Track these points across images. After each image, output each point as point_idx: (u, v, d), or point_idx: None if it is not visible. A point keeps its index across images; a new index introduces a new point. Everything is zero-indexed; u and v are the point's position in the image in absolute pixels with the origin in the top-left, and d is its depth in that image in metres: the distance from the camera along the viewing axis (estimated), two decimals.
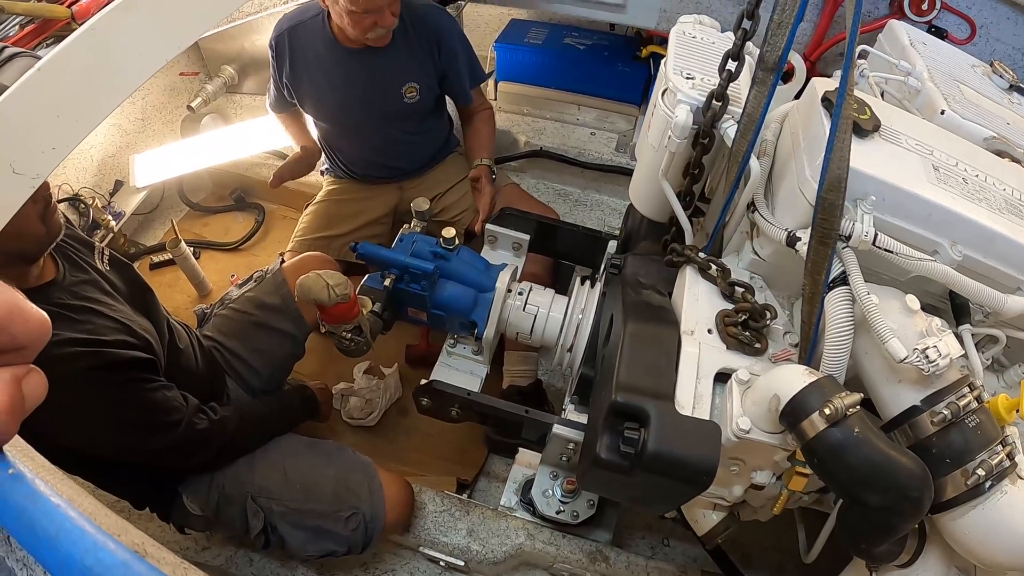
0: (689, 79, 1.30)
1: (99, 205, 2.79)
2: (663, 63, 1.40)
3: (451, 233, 1.69)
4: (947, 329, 1.00)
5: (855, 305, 1.03)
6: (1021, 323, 1.13)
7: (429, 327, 1.85)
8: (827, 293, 1.06)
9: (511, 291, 1.70)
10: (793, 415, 0.95)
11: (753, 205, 1.24)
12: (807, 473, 1.09)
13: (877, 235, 1.03)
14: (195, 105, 3.14)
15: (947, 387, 0.98)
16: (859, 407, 0.92)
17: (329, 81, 2.22)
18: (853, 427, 0.90)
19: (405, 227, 1.81)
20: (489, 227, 1.93)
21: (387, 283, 1.61)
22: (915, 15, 2.21)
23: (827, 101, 1.09)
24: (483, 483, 2.32)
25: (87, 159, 2.87)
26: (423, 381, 1.62)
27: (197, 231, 3.20)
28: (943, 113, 1.36)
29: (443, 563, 1.91)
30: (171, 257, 2.83)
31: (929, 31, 2.18)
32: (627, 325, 1.21)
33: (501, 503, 1.91)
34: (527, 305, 1.69)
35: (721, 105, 1.21)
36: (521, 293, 1.70)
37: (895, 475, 0.89)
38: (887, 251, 1.04)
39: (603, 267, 1.75)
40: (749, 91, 1.16)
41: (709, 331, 1.20)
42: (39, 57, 1.34)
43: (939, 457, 0.96)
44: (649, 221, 1.57)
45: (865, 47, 1.62)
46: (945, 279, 1.03)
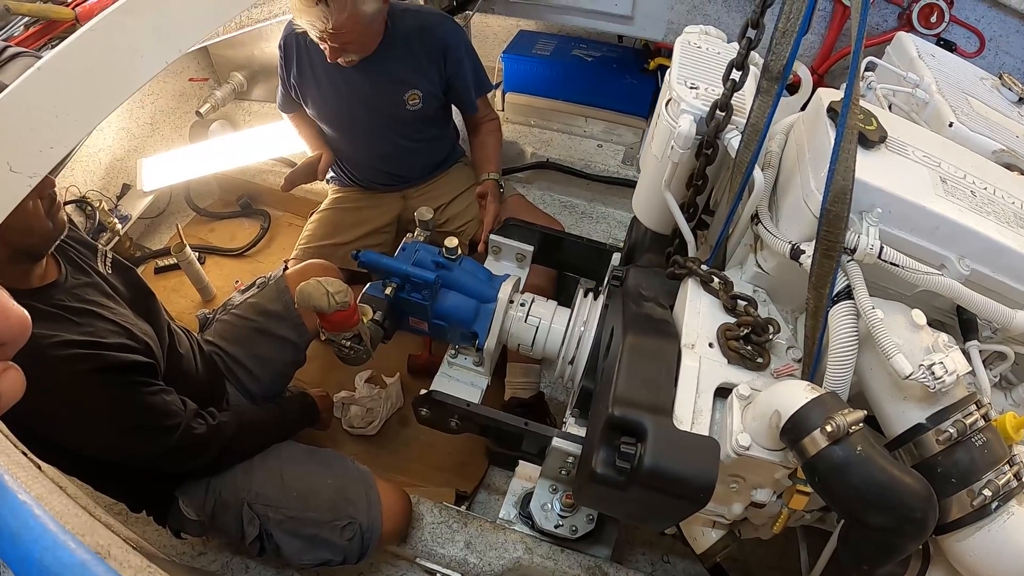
0: (693, 89, 1.29)
1: (106, 208, 2.80)
2: (668, 73, 1.39)
3: (454, 243, 1.68)
4: (954, 345, 0.98)
5: (860, 320, 1.02)
6: None
7: (430, 337, 1.84)
8: (831, 307, 1.04)
9: (513, 302, 1.68)
10: (794, 432, 0.93)
11: (757, 217, 1.22)
12: (808, 491, 1.07)
13: (883, 248, 1.01)
14: (204, 111, 3.16)
15: (953, 405, 0.96)
16: (862, 424, 0.90)
17: (333, 86, 2.23)
18: (856, 445, 0.88)
19: (408, 236, 1.80)
20: (493, 238, 1.92)
21: (388, 292, 1.60)
22: (924, 28, 2.21)
23: (832, 111, 1.08)
24: (482, 495, 2.30)
25: (95, 162, 2.89)
26: (423, 391, 1.61)
27: (203, 236, 3.21)
28: (951, 125, 1.34)
29: (440, 575, 1.89)
30: (176, 261, 2.82)
31: (938, 44, 2.17)
32: (626, 338, 1.20)
33: (500, 516, 1.89)
34: (529, 317, 1.67)
35: (725, 115, 1.19)
36: (523, 304, 1.69)
37: (898, 495, 0.87)
38: (893, 265, 1.02)
39: (606, 279, 1.74)
40: (753, 101, 1.15)
41: (710, 345, 1.18)
42: (41, 57, 1.34)
43: (944, 477, 0.94)
44: (652, 233, 1.56)
45: (873, 59, 1.61)
46: (952, 294, 1.01)
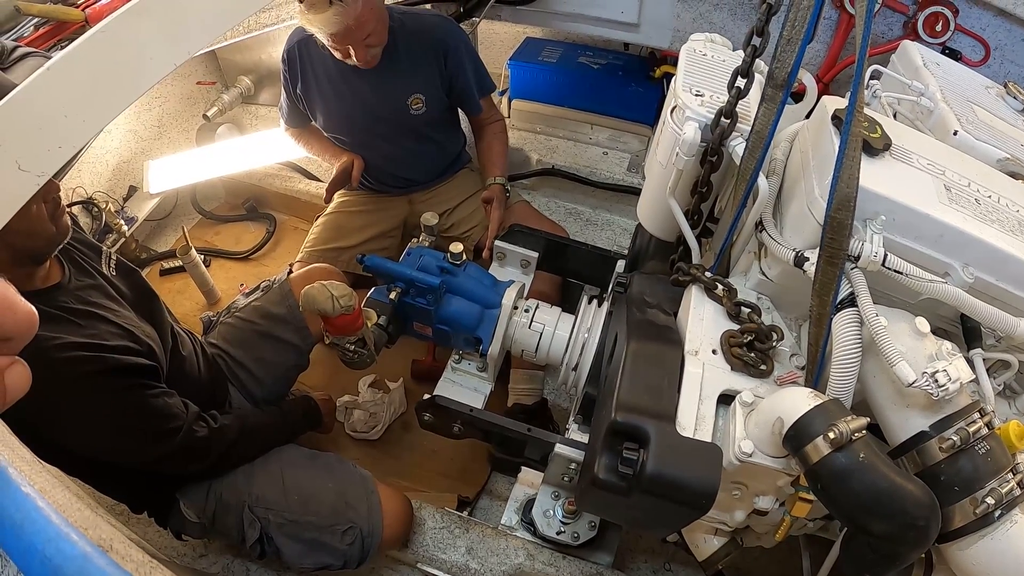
0: (698, 96, 1.29)
1: (112, 209, 2.82)
2: (673, 80, 1.39)
3: (459, 248, 1.68)
4: (958, 353, 0.97)
5: (863, 327, 1.01)
6: None
7: (434, 342, 1.84)
8: (835, 315, 1.04)
9: (517, 308, 1.68)
10: (797, 439, 0.92)
11: (761, 224, 1.22)
12: (811, 499, 1.06)
13: (887, 256, 1.01)
14: (211, 114, 3.18)
15: (957, 413, 0.96)
16: (865, 432, 0.89)
17: (337, 93, 2.24)
18: (858, 452, 0.88)
19: (413, 241, 1.81)
20: (498, 243, 1.93)
21: (393, 296, 1.60)
22: (929, 36, 2.21)
23: (837, 119, 1.08)
24: (484, 501, 2.30)
25: (102, 164, 2.90)
26: (426, 396, 1.61)
27: (208, 239, 3.22)
28: (956, 134, 1.34)
29: None
30: (181, 264, 2.83)
31: (943, 52, 2.17)
32: (630, 344, 1.20)
33: (502, 522, 1.88)
34: (533, 323, 1.67)
35: (730, 122, 1.19)
36: (527, 310, 1.69)
37: (901, 502, 0.86)
38: (897, 272, 1.02)
39: (610, 286, 1.74)
40: (758, 108, 1.15)
41: (714, 352, 1.18)
42: (50, 57, 1.34)
43: (947, 485, 0.94)
44: (657, 240, 1.56)
45: (878, 67, 1.61)
46: (956, 302, 1.00)
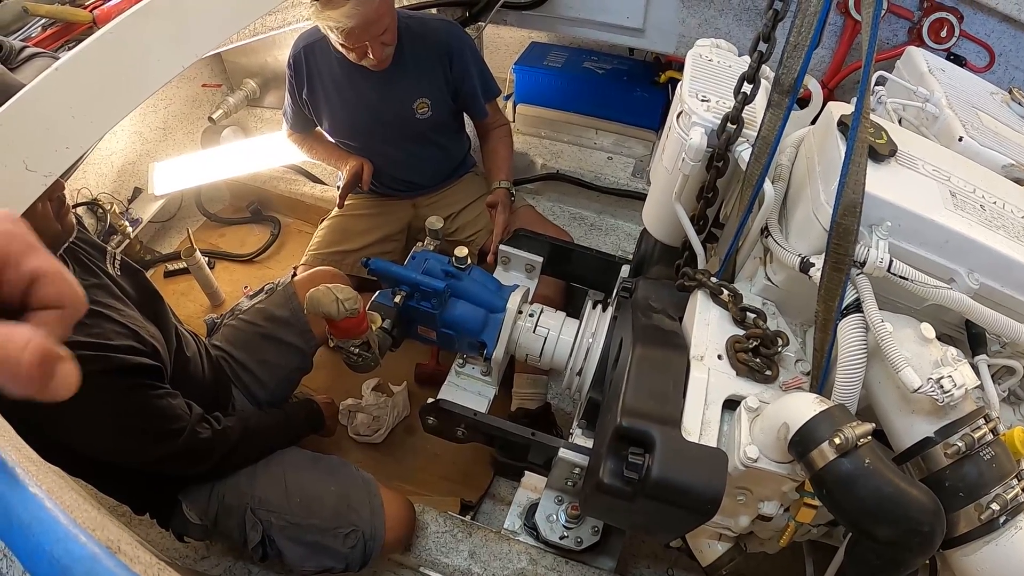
0: (704, 101, 1.29)
1: (117, 211, 2.82)
2: (679, 85, 1.39)
3: (463, 252, 1.68)
4: (962, 359, 0.97)
5: (868, 333, 1.01)
6: None
7: (439, 346, 1.84)
8: (840, 320, 1.04)
9: (522, 313, 1.69)
10: (802, 444, 0.92)
11: (767, 230, 1.22)
12: (816, 505, 1.06)
13: (892, 262, 1.01)
14: (216, 117, 3.18)
15: (962, 418, 0.96)
16: (870, 437, 0.89)
17: (342, 98, 2.24)
18: (863, 458, 0.88)
19: (418, 245, 1.81)
20: (503, 248, 1.93)
21: (397, 300, 1.60)
22: (934, 42, 2.21)
23: (843, 125, 1.08)
24: (487, 505, 2.29)
25: (107, 165, 2.91)
26: (430, 400, 1.61)
27: (213, 241, 3.22)
28: (961, 140, 1.34)
29: None
30: (186, 266, 2.83)
31: (948, 58, 2.16)
32: (635, 349, 1.20)
33: (504, 526, 1.88)
34: (537, 327, 1.67)
35: (736, 128, 1.20)
36: (532, 315, 1.69)
37: (906, 508, 0.86)
38: (902, 278, 1.02)
39: (615, 291, 1.74)
40: (764, 114, 1.15)
41: (719, 357, 1.18)
42: (58, 57, 1.35)
43: (952, 490, 0.94)
44: (662, 245, 1.56)
45: (883, 73, 1.61)
46: (961, 308, 1.00)
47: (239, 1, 1.24)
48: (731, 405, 1.12)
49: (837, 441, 0.87)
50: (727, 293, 1.25)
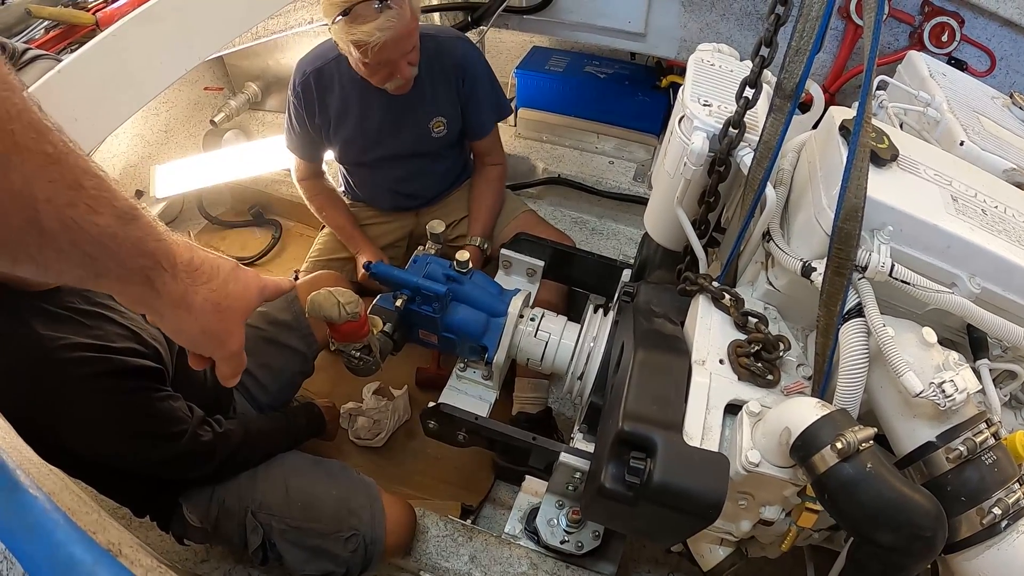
0: (706, 106, 1.29)
1: None
2: (681, 90, 1.39)
3: (465, 256, 1.68)
4: (964, 363, 0.97)
5: (870, 337, 1.01)
6: None
7: (440, 350, 1.84)
8: (842, 325, 1.04)
9: (523, 317, 1.69)
10: (804, 449, 0.92)
11: (768, 234, 1.22)
12: (817, 509, 1.06)
13: (894, 266, 1.01)
14: (218, 120, 3.19)
15: (963, 423, 0.96)
16: (872, 442, 0.89)
17: (356, 121, 2.19)
18: (865, 463, 0.88)
19: (419, 249, 1.81)
20: (504, 252, 1.93)
21: (399, 304, 1.60)
22: (935, 47, 2.21)
23: (844, 129, 1.08)
24: (488, 510, 2.29)
25: (109, 167, 2.90)
26: (431, 404, 1.61)
27: (214, 244, 3.21)
28: (962, 144, 1.34)
29: None
30: None
31: (949, 62, 2.16)
32: (637, 353, 1.20)
33: (505, 530, 1.88)
34: (539, 331, 1.67)
35: (738, 132, 1.20)
36: (533, 319, 1.69)
37: (908, 513, 0.86)
38: (904, 283, 1.02)
39: (616, 295, 1.74)
40: (766, 119, 1.15)
41: (721, 361, 1.18)
42: (61, 60, 1.35)
43: (954, 495, 0.94)
44: (663, 250, 1.56)
45: (884, 78, 1.61)
46: (963, 312, 1.00)
47: (241, 5, 1.25)
48: (733, 410, 1.12)
49: (839, 446, 0.87)
50: (729, 297, 1.25)
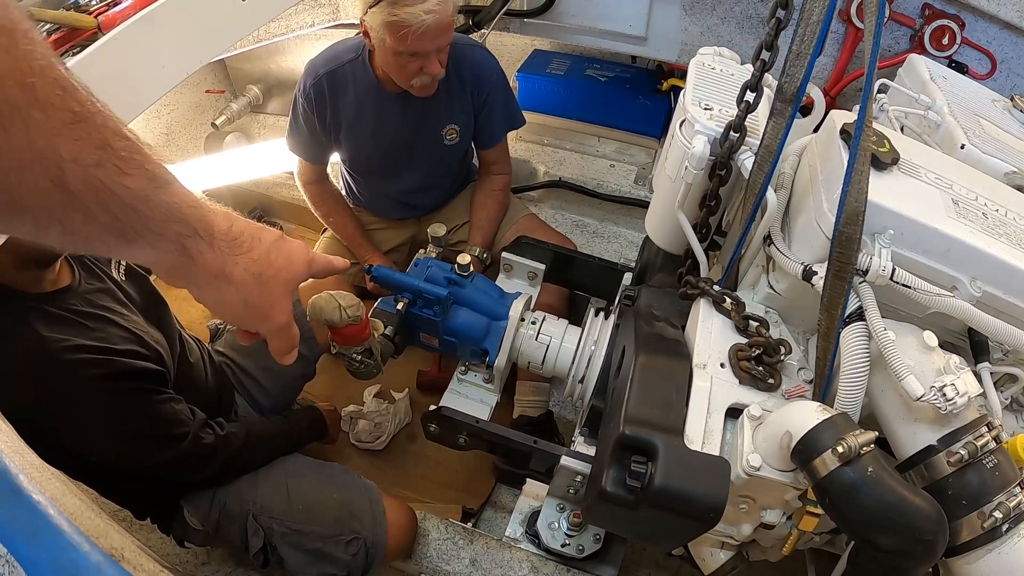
0: (707, 110, 1.29)
1: None
2: (682, 94, 1.39)
3: (466, 260, 1.68)
4: (965, 367, 0.97)
5: (871, 341, 1.01)
6: None
7: (441, 353, 1.83)
8: (843, 329, 1.04)
9: (524, 320, 1.68)
10: (805, 453, 0.92)
11: (769, 238, 1.22)
12: (818, 513, 1.06)
13: (895, 270, 1.01)
14: (219, 123, 3.19)
15: (964, 426, 0.96)
16: (873, 446, 0.89)
17: (371, 127, 2.17)
18: (866, 466, 0.88)
19: (421, 252, 1.80)
20: (505, 255, 1.93)
21: (400, 307, 1.60)
22: (935, 50, 2.21)
23: (845, 133, 1.08)
24: (489, 513, 2.29)
25: None
26: (432, 407, 1.61)
27: None
28: (963, 147, 1.34)
29: None
30: None
31: (949, 66, 2.16)
32: (638, 357, 1.19)
33: (506, 534, 1.87)
34: (540, 335, 1.67)
35: (739, 136, 1.20)
36: (534, 323, 1.69)
37: (909, 516, 0.86)
38: (905, 286, 1.02)
39: (617, 299, 1.74)
40: (767, 123, 1.15)
41: (722, 365, 1.18)
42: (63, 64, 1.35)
43: (955, 498, 0.93)
44: (665, 253, 1.56)
45: (885, 81, 1.61)
46: (964, 316, 1.00)
47: (243, 9, 1.25)
48: (734, 413, 1.12)
49: (840, 450, 0.87)
50: (730, 301, 1.25)
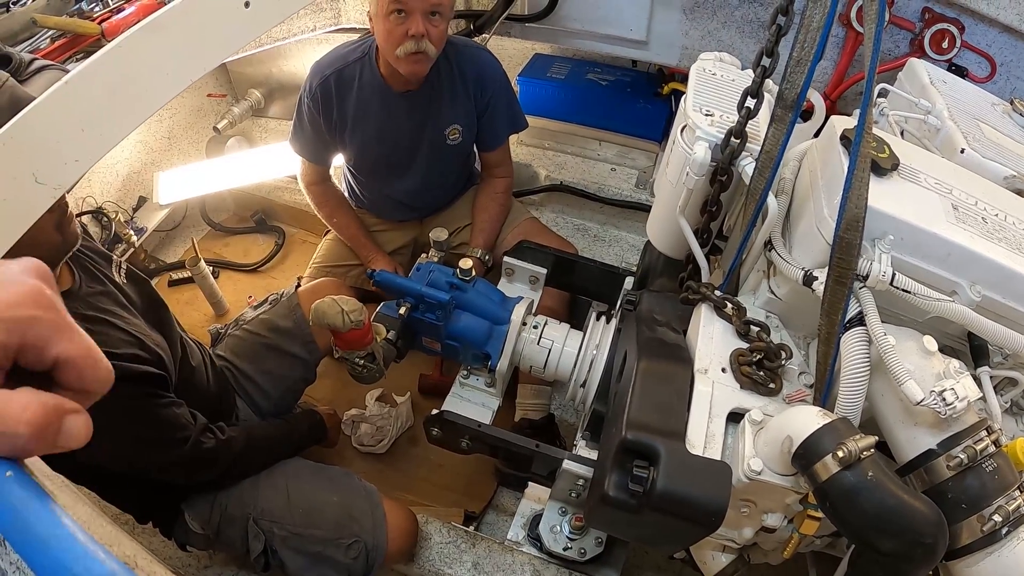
0: (708, 116, 1.30)
1: (122, 220, 2.83)
2: (683, 100, 1.40)
3: (468, 264, 1.68)
4: (965, 371, 0.98)
5: (871, 346, 1.02)
6: None
7: (443, 357, 1.84)
8: (843, 333, 1.04)
9: (526, 324, 1.69)
10: (806, 457, 0.93)
11: (770, 243, 1.23)
12: (819, 517, 1.06)
13: (895, 275, 1.02)
14: (221, 127, 3.19)
15: (964, 430, 0.96)
16: (874, 450, 0.90)
17: (376, 126, 2.18)
18: (867, 471, 0.88)
19: (423, 256, 1.81)
20: (506, 260, 1.93)
21: (402, 312, 1.61)
22: (935, 53, 2.21)
23: (845, 139, 1.09)
24: (491, 516, 2.29)
25: (112, 174, 2.92)
26: (434, 411, 1.61)
27: (217, 251, 3.24)
28: (963, 152, 1.34)
29: None
30: (190, 275, 2.85)
31: (949, 69, 2.17)
32: (640, 362, 1.20)
33: (508, 537, 1.87)
34: (542, 339, 1.67)
35: (740, 142, 1.20)
36: (536, 327, 1.69)
37: (909, 520, 0.87)
38: (905, 291, 1.02)
39: (619, 303, 1.74)
40: (768, 128, 1.16)
41: (723, 370, 1.18)
42: (67, 70, 1.35)
43: (955, 502, 0.94)
44: (666, 258, 1.56)
45: (885, 85, 1.62)
46: (963, 320, 1.01)
47: (247, 15, 1.25)
48: (735, 418, 1.12)
49: (840, 454, 0.88)
50: (731, 306, 1.25)
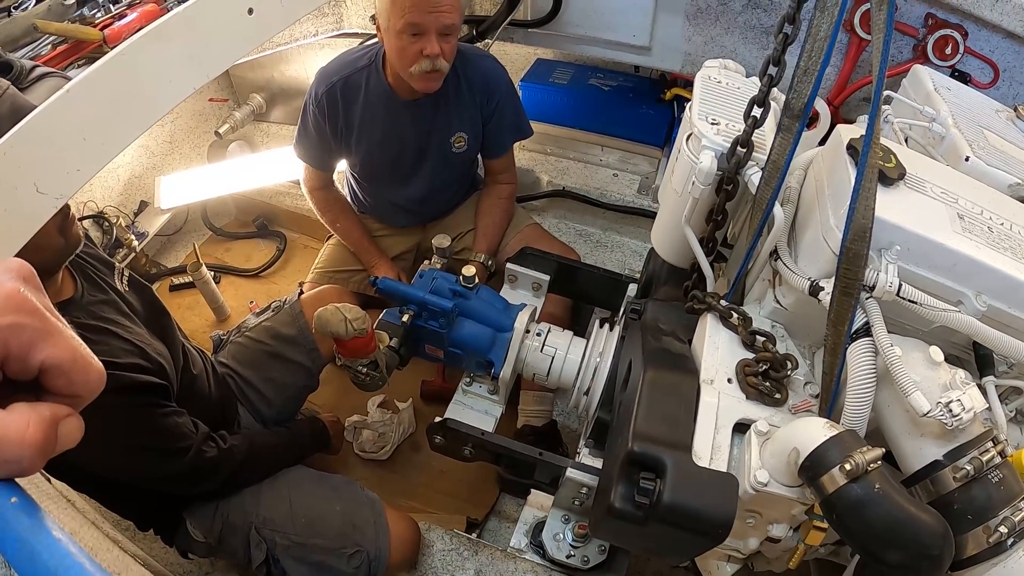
0: (714, 124, 1.29)
1: (123, 224, 2.83)
2: (688, 108, 1.39)
3: (471, 271, 1.68)
4: (971, 382, 0.97)
5: (878, 357, 1.01)
6: None
7: (446, 364, 1.84)
8: (849, 344, 1.04)
9: (529, 332, 1.68)
10: (812, 470, 0.92)
11: (776, 253, 1.22)
12: (825, 527, 1.06)
13: (901, 285, 1.01)
14: (223, 131, 3.20)
15: (970, 441, 0.96)
16: (880, 462, 0.89)
17: (382, 133, 2.17)
18: (874, 483, 0.88)
19: (425, 263, 1.81)
20: (509, 266, 1.93)
21: (405, 319, 1.60)
22: (939, 59, 2.21)
23: (852, 149, 1.08)
24: (493, 523, 2.29)
25: (114, 178, 2.93)
26: (437, 418, 1.61)
27: (219, 256, 3.23)
28: (967, 159, 1.34)
29: None
30: (191, 280, 2.84)
31: (952, 75, 2.17)
32: (646, 372, 1.19)
33: (511, 544, 1.87)
34: (545, 346, 1.67)
35: (746, 152, 1.20)
36: (539, 334, 1.69)
37: (915, 532, 0.86)
38: (911, 302, 1.02)
39: (622, 311, 1.74)
40: (774, 138, 1.15)
41: (729, 380, 1.17)
42: (69, 78, 1.35)
43: (961, 513, 0.93)
44: (670, 266, 1.56)
45: (889, 92, 1.61)
46: (969, 330, 1.00)
47: (251, 22, 1.25)
48: (741, 429, 1.12)
49: (848, 467, 0.87)
50: (736, 316, 1.24)
